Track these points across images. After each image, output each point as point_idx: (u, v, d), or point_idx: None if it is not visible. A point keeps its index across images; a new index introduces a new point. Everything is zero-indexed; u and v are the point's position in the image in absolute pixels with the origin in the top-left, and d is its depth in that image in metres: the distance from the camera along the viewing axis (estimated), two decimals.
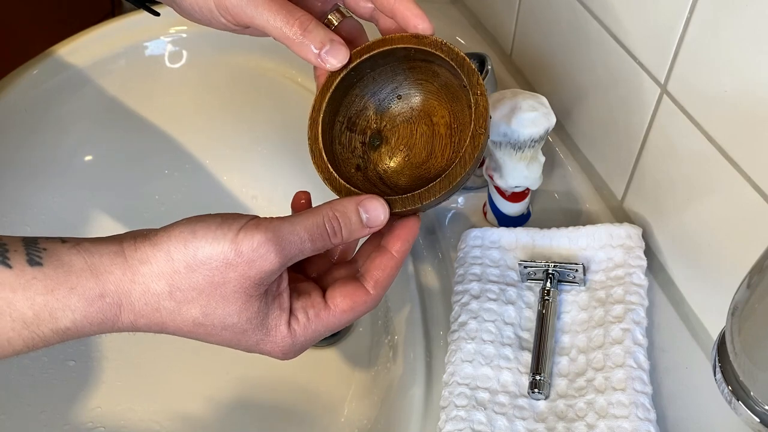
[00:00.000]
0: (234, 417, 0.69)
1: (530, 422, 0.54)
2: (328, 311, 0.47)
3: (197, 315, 0.43)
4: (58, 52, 0.82)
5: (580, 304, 0.59)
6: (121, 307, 0.42)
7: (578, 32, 0.65)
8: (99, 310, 0.41)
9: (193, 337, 0.45)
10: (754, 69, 0.46)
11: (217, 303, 0.43)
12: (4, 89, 0.78)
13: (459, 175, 0.48)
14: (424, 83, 0.54)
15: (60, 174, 0.80)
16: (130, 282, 0.42)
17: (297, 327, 0.46)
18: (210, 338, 0.45)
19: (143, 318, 0.43)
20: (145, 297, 0.42)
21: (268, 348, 0.46)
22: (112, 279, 0.41)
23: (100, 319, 0.41)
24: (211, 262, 0.42)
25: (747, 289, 0.35)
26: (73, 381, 0.71)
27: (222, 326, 0.44)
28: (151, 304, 0.42)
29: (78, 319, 0.41)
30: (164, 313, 0.43)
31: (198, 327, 0.44)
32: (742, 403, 0.37)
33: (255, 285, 0.43)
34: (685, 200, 0.57)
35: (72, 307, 0.40)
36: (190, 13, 0.52)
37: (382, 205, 0.47)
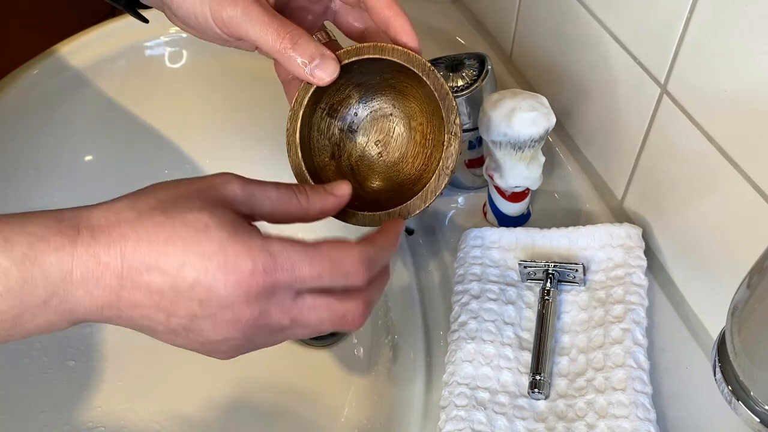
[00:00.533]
0: (234, 417, 0.69)
1: (530, 422, 0.54)
2: (308, 241, 0.44)
3: (157, 215, 0.41)
4: (58, 52, 0.82)
5: (580, 304, 0.59)
6: (80, 227, 0.41)
7: (578, 32, 0.65)
8: (56, 231, 0.40)
9: (150, 263, 0.41)
10: (754, 69, 0.46)
11: (180, 203, 0.42)
12: (4, 89, 0.78)
13: (418, 208, 0.51)
14: (409, 87, 0.54)
15: (60, 174, 0.80)
16: (91, 208, 0.42)
17: (272, 238, 0.43)
18: (168, 249, 0.41)
19: (102, 234, 0.40)
20: (105, 214, 0.41)
21: (234, 250, 0.41)
22: (71, 210, 0.41)
23: (57, 242, 0.40)
24: (177, 181, 0.44)
25: (747, 289, 0.35)
26: (73, 381, 0.71)
27: (182, 224, 0.41)
28: (110, 218, 0.41)
29: (34, 241, 0.39)
30: (124, 224, 0.41)
31: (158, 228, 0.41)
32: (742, 403, 0.37)
33: (221, 196, 0.43)
34: (685, 200, 0.57)
35: (28, 231, 0.39)
36: (185, 21, 0.52)
37: (348, 186, 0.49)
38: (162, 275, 0.41)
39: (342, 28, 0.56)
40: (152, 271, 0.41)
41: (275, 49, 0.49)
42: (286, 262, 0.42)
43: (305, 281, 0.43)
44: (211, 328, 0.43)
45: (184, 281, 0.41)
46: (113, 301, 0.41)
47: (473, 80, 0.63)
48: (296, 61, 0.49)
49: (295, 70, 0.49)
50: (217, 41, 0.53)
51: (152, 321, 0.42)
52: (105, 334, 0.74)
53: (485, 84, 0.63)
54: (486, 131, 0.59)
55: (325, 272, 0.43)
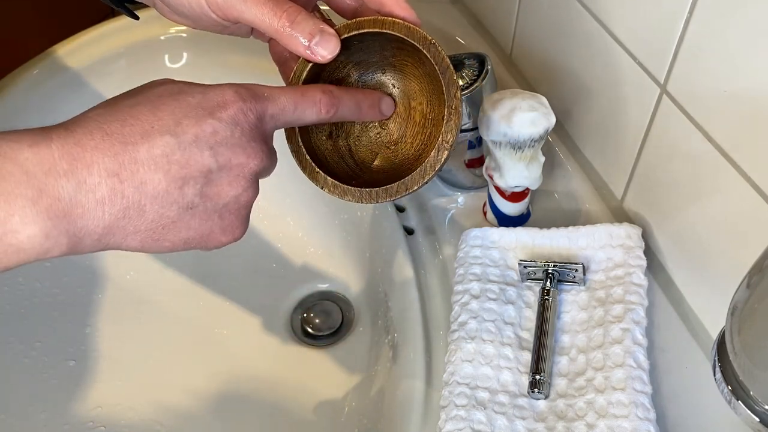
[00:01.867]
0: (234, 416, 0.69)
1: (530, 422, 0.54)
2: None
3: (127, 99, 0.41)
4: (58, 52, 0.82)
5: (579, 303, 0.59)
6: (51, 130, 0.38)
7: (578, 32, 0.65)
8: (26, 133, 0.37)
9: (146, 130, 0.39)
10: (754, 69, 0.46)
11: (145, 86, 0.42)
12: (4, 89, 0.78)
13: (416, 183, 0.49)
14: (409, 66, 0.53)
15: None
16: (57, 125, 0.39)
17: (243, 89, 0.44)
18: (159, 115, 0.40)
19: (78, 127, 0.38)
20: (77, 116, 0.40)
21: (216, 94, 0.43)
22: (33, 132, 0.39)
23: (29, 139, 0.37)
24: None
25: (746, 289, 0.35)
26: (73, 381, 0.71)
27: (156, 96, 0.41)
28: (82, 116, 0.39)
29: (2, 144, 0.36)
30: (94, 115, 0.39)
31: (135, 107, 0.40)
32: (741, 403, 0.37)
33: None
34: (685, 200, 0.57)
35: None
36: (178, 11, 0.51)
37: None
38: (162, 135, 0.40)
39: (334, 6, 0.55)
40: (149, 136, 0.39)
41: (273, 28, 0.47)
42: (264, 92, 0.45)
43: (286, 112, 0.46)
44: (227, 181, 0.43)
45: (185, 134, 0.40)
46: (115, 183, 0.38)
47: (473, 80, 0.63)
48: (296, 39, 0.47)
49: (295, 48, 0.48)
50: (212, 28, 0.52)
51: (165, 201, 0.40)
52: (105, 334, 0.74)
53: (485, 84, 0.63)
54: (486, 131, 0.59)
55: (300, 101, 0.47)
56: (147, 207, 0.40)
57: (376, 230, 0.72)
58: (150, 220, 0.40)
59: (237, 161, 0.43)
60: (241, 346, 0.74)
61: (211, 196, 0.42)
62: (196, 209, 0.42)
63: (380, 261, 0.70)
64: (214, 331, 0.76)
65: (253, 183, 0.44)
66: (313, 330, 0.74)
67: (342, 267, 0.77)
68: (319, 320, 0.75)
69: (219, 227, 0.43)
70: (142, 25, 0.85)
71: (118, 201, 0.38)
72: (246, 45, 0.84)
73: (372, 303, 0.72)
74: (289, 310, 0.76)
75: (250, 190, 0.44)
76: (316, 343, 0.74)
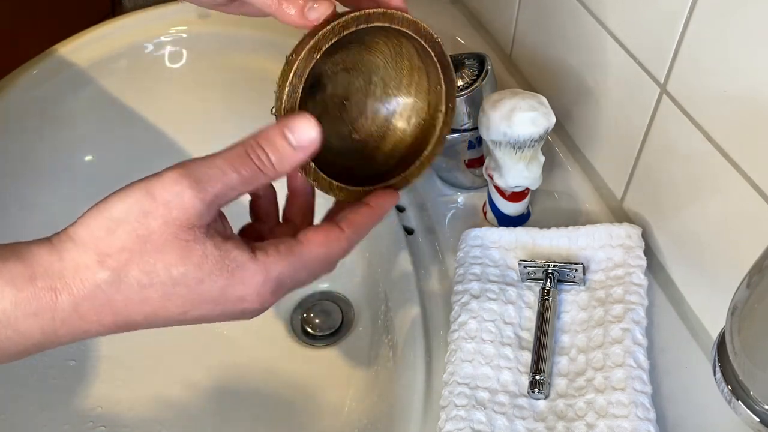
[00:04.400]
0: (235, 416, 0.69)
1: (530, 422, 0.54)
2: (300, 245, 0.43)
3: (139, 276, 0.39)
4: (58, 52, 0.82)
5: (579, 303, 0.59)
6: (56, 291, 0.38)
7: (578, 32, 0.65)
8: (32, 296, 0.37)
9: (151, 311, 0.40)
10: (754, 69, 0.46)
11: (154, 258, 0.39)
12: (4, 89, 0.78)
13: (414, 176, 0.51)
14: (381, 44, 0.51)
15: (60, 174, 0.80)
16: (59, 261, 0.38)
17: (267, 260, 0.42)
18: (169, 304, 0.40)
19: (86, 301, 0.39)
20: (78, 274, 0.38)
21: (239, 292, 0.41)
22: (41, 261, 0.38)
23: (34, 307, 0.38)
24: (128, 216, 0.39)
25: (746, 289, 0.35)
26: (73, 381, 0.71)
27: (172, 282, 0.39)
28: (88, 280, 0.38)
29: (7, 307, 0.37)
30: (105, 288, 0.39)
31: (147, 290, 0.39)
32: (741, 403, 0.37)
33: (185, 229, 0.39)
34: (685, 200, 0.57)
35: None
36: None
37: (308, 122, 0.42)
38: (165, 320, 0.41)
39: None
40: (151, 318, 0.41)
41: (266, 3, 0.46)
42: (288, 279, 0.43)
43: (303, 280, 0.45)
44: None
45: (188, 318, 0.42)
46: (107, 333, 0.41)
47: (473, 80, 0.63)
48: (289, 12, 0.45)
49: (288, 19, 0.46)
50: (211, 3, 0.52)
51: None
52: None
53: (485, 84, 0.63)
54: (486, 131, 0.59)
55: (321, 270, 0.46)
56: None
57: (376, 230, 0.72)
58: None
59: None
60: (241, 346, 0.74)
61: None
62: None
63: (380, 261, 0.70)
64: (214, 331, 0.75)
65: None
66: (313, 330, 0.74)
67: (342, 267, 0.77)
68: (319, 320, 0.75)
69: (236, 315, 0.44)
70: (142, 25, 0.85)
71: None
72: (246, 45, 0.85)
73: (372, 303, 0.72)
74: (289, 310, 0.76)
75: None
76: (316, 343, 0.74)
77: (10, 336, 0.38)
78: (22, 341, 0.38)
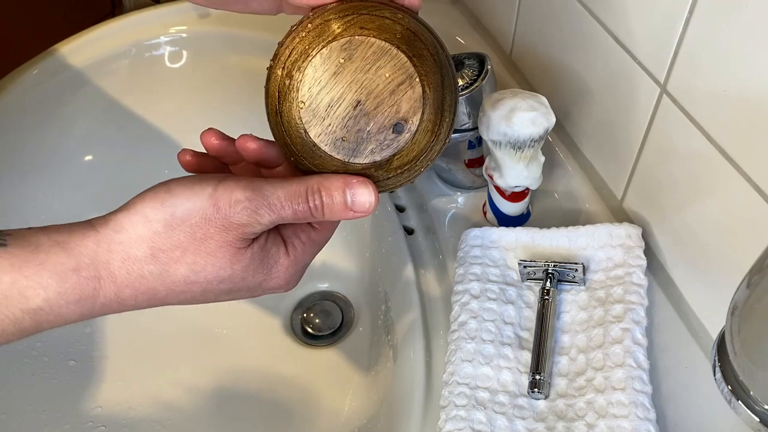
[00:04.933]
0: (235, 416, 0.69)
1: (530, 422, 0.54)
2: (317, 231, 0.47)
3: (187, 273, 0.41)
4: (58, 52, 0.82)
5: (579, 303, 0.59)
6: (100, 279, 0.39)
7: (578, 32, 0.65)
8: (75, 285, 0.39)
9: (190, 298, 0.43)
10: (754, 69, 0.46)
11: (205, 259, 0.41)
12: (4, 89, 0.78)
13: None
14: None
15: (60, 174, 0.80)
16: (107, 252, 0.39)
17: (296, 253, 0.46)
18: (208, 294, 0.43)
19: (128, 288, 0.40)
20: (126, 265, 0.40)
21: (272, 284, 0.45)
22: (86, 252, 0.39)
23: (77, 295, 0.39)
24: (190, 218, 0.41)
25: (746, 289, 0.35)
26: (73, 381, 0.71)
27: (217, 280, 0.42)
28: (134, 271, 0.40)
29: (51, 297, 0.38)
30: (150, 278, 0.41)
31: (192, 285, 0.42)
32: (741, 403, 0.37)
33: (239, 239, 0.42)
34: (685, 200, 0.57)
35: (43, 284, 0.38)
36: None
37: (369, 192, 0.44)
38: (191, 298, 0.44)
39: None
40: (178, 297, 0.43)
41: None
42: (309, 261, 0.48)
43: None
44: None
45: (212, 295, 0.44)
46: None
47: (473, 80, 0.63)
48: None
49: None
50: (215, 3, 0.53)
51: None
52: (105, 334, 0.74)
53: (485, 84, 0.63)
54: (486, 131, 0.59)
55: None
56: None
57: (376, 230, 0.72)
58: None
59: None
60: (242, 346, 0.74)
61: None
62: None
63: (380, 261, 0.71)
64: (214, 331, 0.76)
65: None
66: (313, 330, 0.74)
67: (342, 267, 0.77)
68: (319, 320, 0.75)
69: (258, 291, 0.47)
70: (142, 25, 0.85)
71: None
72: (246, 45, 0.85)
73: (372, 303, 0.72)
74: (289, 310, 0.76)
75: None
76: (316, 343, 0.74)
77: (52, 321, 0.39)
78: (58, 323, 0.40)
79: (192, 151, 0.49)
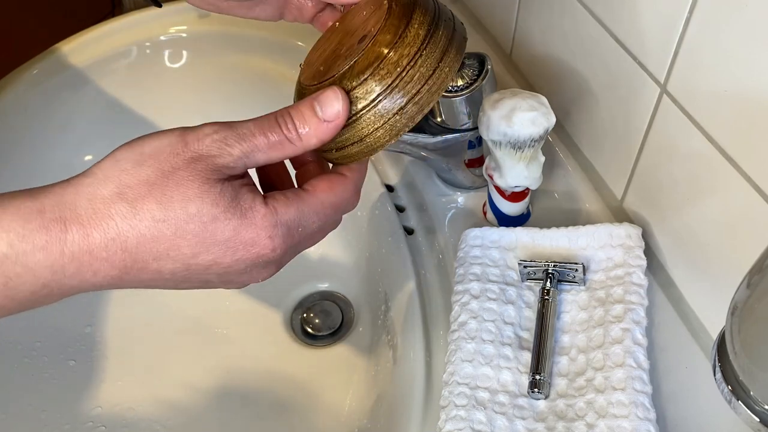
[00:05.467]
0: (235, 417, 0.69)
1: (530, 422, 0.54)
2: (306, 192, 0.44)
3: (154, 209, 0.39)
4: (58, 51, 0.82)
5: (579, 303, 0.59)
6: (66, 221, 0.38)
7: (578, 32, 0.65)
8: (39, 227, 0.37)
9: (163, 251, 0.40)
10: (754, 69, 0.46)
11: (173, 191, 0.40)
12: (4, 89, 0.78)
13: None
14: None
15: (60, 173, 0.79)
16: (74, 194, 0.39)
17: (277, 204, 0.42)
18: (182, 243, 0.40)
19: (96, 231, 0.38)
20: (93, 204, 0.39)
21: (251, 233, 0.41)
22: (52, 195, 0.38)
23: (43, 240, 0.37)
24: (159, 154, 0.40)
25: (747, 289, 0.35)
26: (73, 381, 0.71)
27: (186, 217, 0.40)
28: (101, 211, 0.38)
29: (15, 241, 0.37)
30: (118, 219, 0.39)
31: (161, 224, 0.39)
32: (741, 403, 0.37)
33: (209, 170, 0.40)
34: (685, 200, 0.57)
35: (5, 227, 0.36)
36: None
37: (337, 96, 0.43)
38: (174, 262, 0.41)
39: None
40: (162, 260, 0.40)
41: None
42: (297, 225, 0.43)
43: (313, 230, 0.45)
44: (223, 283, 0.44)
45: (199, 265, 0.41)
46: (115, 282, 0.41)
47: (473, 80, 0.63)
48: None
49: None
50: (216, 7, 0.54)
51: (160, 285, 0.43)
52: (105, 334, 0.74)
53: (485, 84, 0.63)
54: (486, 131, 0.59)
55: (330, 218, 0.46)
56: (142, 285, 0.42)
57: (376, 230, 0.72)
58: (145, 286, 0.43)
59: (243, 279, 0.44)
60: (242, 346, 0.74)
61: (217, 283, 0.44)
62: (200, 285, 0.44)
63: (380, 261, 0.70)
64: (214, 331, 0.76)
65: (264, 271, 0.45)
66: (313, 330, 0.74)
67: (342, 266, 0.77)
68: (319, 320, 0.75)
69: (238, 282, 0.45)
70: (142, 25, 0.85)
71: (115, 286, 0.41)
72: (246, 45, 0.85)
73: (372, 303, 0.72)
74: (289, 310, 0.76)
75: (263, 273, 0.45)
76: (316, 343, 0.74)
77: (20, 273, 0.37)
78: (31, 279, 0.38)
79: None
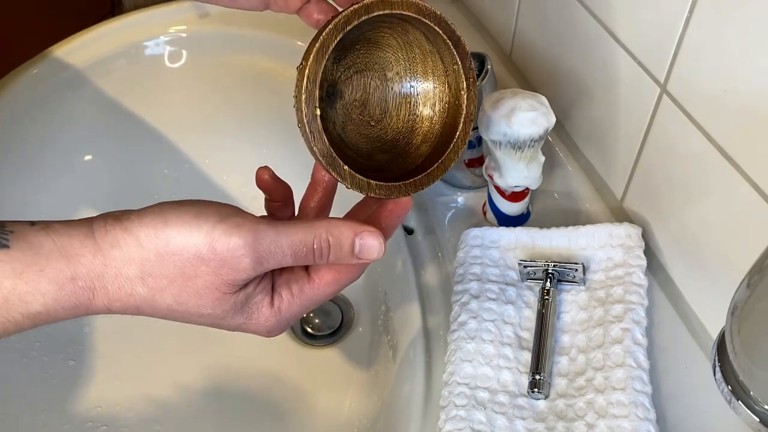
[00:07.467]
0: (234, 416, 0.69)
1: (530, 422, 0.54)
2: (312, 284, 0.46)
3: (171, 302, 0.43)
4: (58, 52, 0.82)
5: (579, 303, 0.59)
6: (94, 291, 0.41)
7: (578, 32, 0.65)
8: (71, 293, 0.40)
9: (171, 319, 0.44)
10: (754, 69, 0.46)
11: (189, 295, 0.42)
12: (4, 89, 0.78)
13: (451, 160, 0.49)
14: (386, 36, 0.51)
15: (59, 173, 0.80)
16: (102, 266, 0.41)
17: (281, 304, 0.45)
18: (188, 321, 0.44)
19: (117, 302, 0.42)
20: (118, 281, 0.41)
21: (252, 329, 0.46)
22: (84, 261, 0.40)
23: (72, 303, 0.41)
24: (182, 253, 0.41)
25: (746, 289, 0.35)
26: (73, 381, 0.71)
27: (198, 314, 0.44)
28: (125, 288, 0.42)
29: (49, 303, 0.40)
30: (138, 298, 0.42)
31: (173, 312, 0.43)
32: (741, 403, 0.37)
33: (227, 284, 0.42)
34: (685, 200, 0.57)
35: (42, 291, 0.39)
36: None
37: (379, 243, 0.45)
38: (181, 315, 0.44)
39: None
40: (172, 313, 0.44)
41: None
42: (297, 315, 0.47)
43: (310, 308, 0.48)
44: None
45: (203, 317, 0.45)
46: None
47: None
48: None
49: None
50: None
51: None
52: (105, 335, 0.74)
53: (485, 84, 0.64)
54: (486, 131, 0.59)
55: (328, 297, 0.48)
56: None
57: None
58: None
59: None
60: (241, 346, 0.74)
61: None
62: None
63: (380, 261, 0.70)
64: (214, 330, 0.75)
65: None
66: (313, 330, 0.74)
67: None
68: (319, 320, 0.75)
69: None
70: (142, 25, 0.85)
71: None
72: (246, 45, 0.85)
73: (372, 303, 0.72)
74: None
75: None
76: (315, 343, 0.74)
77: (48, 321, 0.41)
78: (52, 322, 0.41)
79: (272, 173, 0.49)
